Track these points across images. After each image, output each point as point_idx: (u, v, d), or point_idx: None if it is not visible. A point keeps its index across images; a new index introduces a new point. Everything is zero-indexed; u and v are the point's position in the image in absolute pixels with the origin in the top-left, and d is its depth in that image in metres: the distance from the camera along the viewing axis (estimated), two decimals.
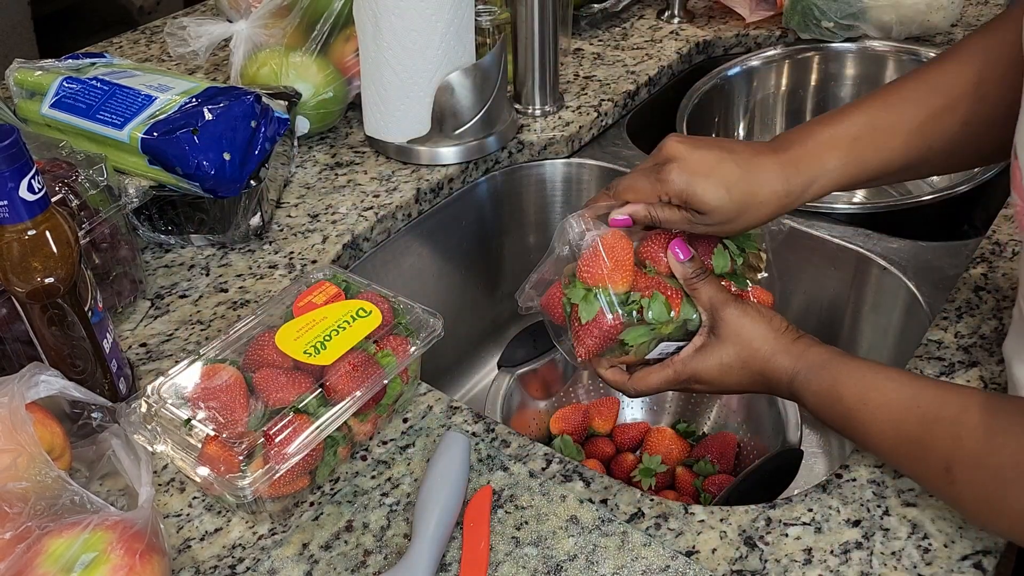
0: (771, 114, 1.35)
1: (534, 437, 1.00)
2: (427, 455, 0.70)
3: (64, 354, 0.68)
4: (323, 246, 0.93)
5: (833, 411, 0.64)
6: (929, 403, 0.59)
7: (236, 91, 0.92)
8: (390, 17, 0.96)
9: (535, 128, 1.11)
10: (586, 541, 0.63)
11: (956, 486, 0.57)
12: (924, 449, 0.59)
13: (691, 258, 0.70)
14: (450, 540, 0.64)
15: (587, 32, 1.35)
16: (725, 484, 0.91)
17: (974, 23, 1.35)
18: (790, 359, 0.66)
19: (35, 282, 0.64)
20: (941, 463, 0.57)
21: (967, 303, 0.82)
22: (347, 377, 0.65)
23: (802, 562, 0.61)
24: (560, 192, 1.14)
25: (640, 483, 0.94)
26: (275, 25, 1.06)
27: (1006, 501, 0.54)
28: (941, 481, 0.58)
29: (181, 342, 0.82)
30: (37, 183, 0.62)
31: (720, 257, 0.72)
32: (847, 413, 0.63)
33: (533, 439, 0.72)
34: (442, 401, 0.75)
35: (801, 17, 1.26)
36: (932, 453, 0.58)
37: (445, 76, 0.99)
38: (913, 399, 0.60)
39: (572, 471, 0.68)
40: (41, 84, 0.95)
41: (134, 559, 0.55)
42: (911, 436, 0.59)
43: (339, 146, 1.09)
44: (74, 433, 0.68)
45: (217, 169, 0.86)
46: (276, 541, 0.64)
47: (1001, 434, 0.55)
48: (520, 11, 1.06)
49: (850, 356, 0.66)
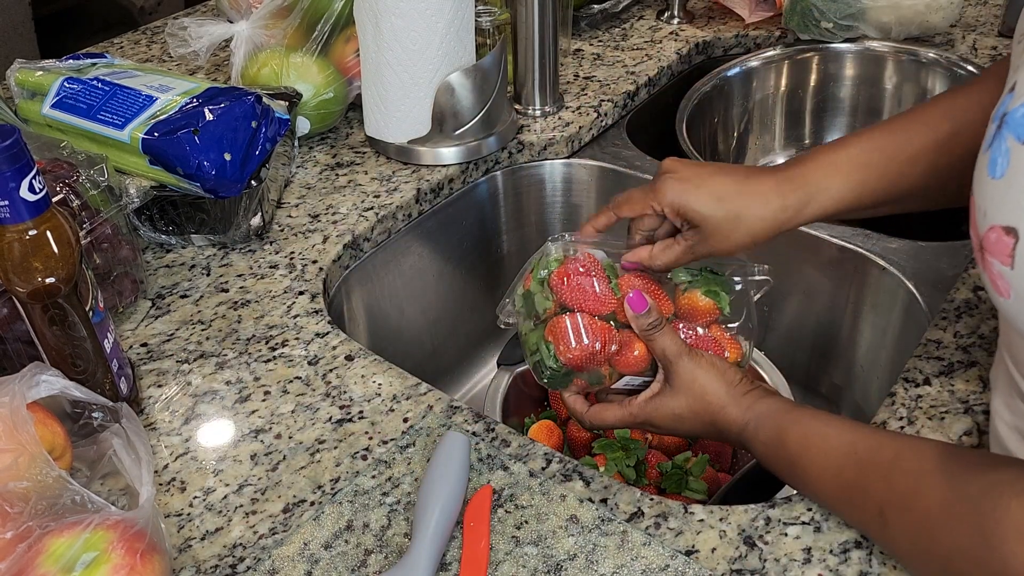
0: (770, 115, 1.35)
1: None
2: (427, 455, 0.70)
3: (65, 354, 0.68)
4: (323, 246, 0.93)
5: (779, 459, 0.65)
6: (865, 449, 0.60)
7: (237, 91, 0.92)
8: (390, 18, 0.96)
9: (535, 128, 1.11)
10: (586, 540, 0.63)
11: (889, 529, 0.58)
12: (861, 493, 0.60)
13: (647, 310, 0.70)
14: (450, 540, 0.64)
15: (587, 33, 1.35)
16: (722, 483, 0.91)
17: (973, 24, 1.35)
18: (739, 411, 0.68)
19: (36, 282, 0.64)
20: (875, 507, 0.58)
21: (966, 303, 0.82)
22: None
23: (801, 561, 0.61)
24: (560, 192, 1.14)
25: (602, 458, 0.93)
26: (276, 26, 1.06)
27: (934, 543, 0.54)
28: (876, 525, 0.59)
29: (182, 342, 0.82)
30: (38, 183, 0.62)
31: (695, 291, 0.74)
32: (791, 460, 0.64)
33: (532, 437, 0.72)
34: (442, 401, 0.75)
35: (800, 18, 1.27)
36: (868, 497, 0.59)
37: (445, 77, 0.99)
38: (851, 445, 0.61)
39: (572, 471, 0.69)
40: (42, 84, 0.95)
41: (135, 558, 0.55)
42: (849, 481, 0.61)
43: (340, 146, 1.10)
44: (75, 433, 0.68)
45: (218, 169, 0.87)
46: (276, 540, 0.64)
47: (929, 476, 0.56)
48: (520, 12, 1.06)
49: (797, 406, 0.67)
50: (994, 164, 0.51)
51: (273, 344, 0.81)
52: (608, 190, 1.12)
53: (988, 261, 0.52)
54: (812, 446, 0.63)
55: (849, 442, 0.61)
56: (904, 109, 1.28)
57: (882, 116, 1.31)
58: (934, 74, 1.26)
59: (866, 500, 0.59)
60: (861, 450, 0.61)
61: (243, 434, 0.73)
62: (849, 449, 0.61)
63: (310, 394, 0.76)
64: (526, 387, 1.01)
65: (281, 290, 0.88)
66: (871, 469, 0.59)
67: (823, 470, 0.62)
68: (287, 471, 0.70)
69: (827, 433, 0.63)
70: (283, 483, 0.69)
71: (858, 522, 0.62)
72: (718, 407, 0.68)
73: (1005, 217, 0.50)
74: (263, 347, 0.81)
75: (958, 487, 0.54)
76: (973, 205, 0.54)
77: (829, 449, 0.62)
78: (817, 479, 0.63)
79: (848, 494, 0.61)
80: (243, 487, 0.69)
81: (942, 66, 1.25)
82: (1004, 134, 0.51)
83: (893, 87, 1.30)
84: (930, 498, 0.55)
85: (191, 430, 0.74)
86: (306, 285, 0.88)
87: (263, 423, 0.74)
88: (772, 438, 0.65)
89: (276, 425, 0.74)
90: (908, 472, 0.57)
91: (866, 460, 0.60)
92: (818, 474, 0.63)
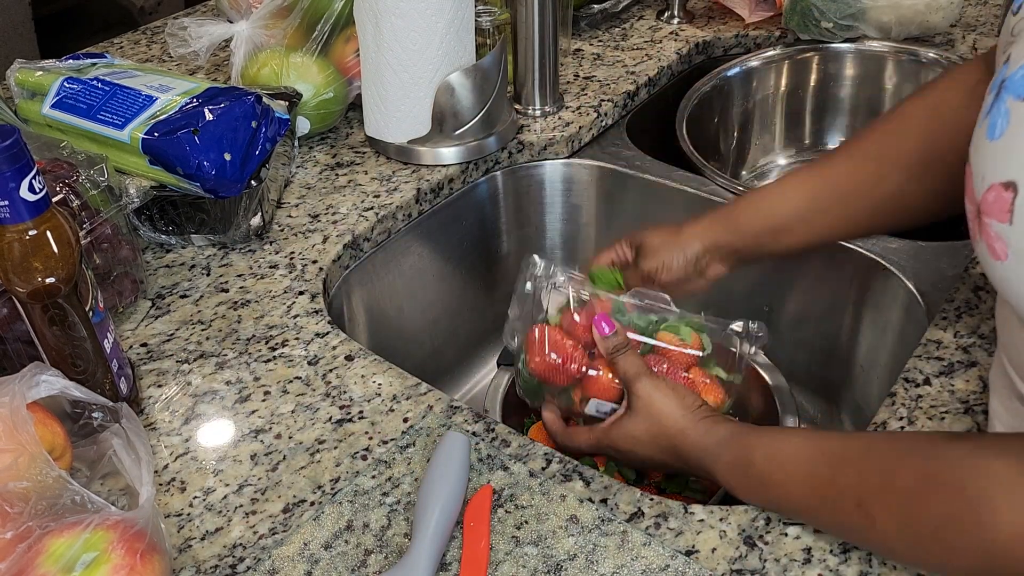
0: (770, 115, 1.35)
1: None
2: (427, 455, 0.70)
3: (65, 354, 0.68)
4: (323, 246, 0.93)
5: (747, 478, 0.64)
6: (835, 448, 0.60)
7: (237, 91, 0.92)
8: (390, 18, 0.96)
9: (535, 128, 1.11)
10: (586, 540, 0.63)
11: (871, 521, 0.56)
12: (836, 491, 0.58)
13: (614, 332, 0.74)
14: (450, 540, 0.64)
15: (587, 33, 1.35)
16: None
17: (973, 23, 1.35)
18: (698, 435, 0.68)
19: (36, 282, 0.64)
20: (853, 501, 0.57)
21: (966, 303, 0.82)
22: None
23: (801, 561, 0.61)
24: (560, 192, 1.14)
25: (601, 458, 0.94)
26: (276, 26, 1.06)
27: (919, 518, 0.53)
28: (858, 521, 0.57)
29: (182, 342, 0.82)
30: (38, 183, 0.62)
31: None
32: (760, 476, 0.63)
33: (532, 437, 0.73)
34: (442, 401, 0.75)
35: (800, 18, 1.27)
36: (844, 494, 0.58)
37: (445, 77, 0.99)
38: (818, 448, 0.61)
39: (572, 471, 0.69)
40: (42, 84, 0.95)
41: (135, 559, 0.55)
42: (823, 479, 0.59)
43: (339, 146, 1.10)
44: (75, 433, 0.68)
45: (218, 169, 0.87)
46: (276, 540, 0.64)
47: (904, 455, 0.55)
48: (520, 11, 1.06)
49: (756, 427, 0.67)
50: (993, 127, 0.52)
51: (273, 344, 0.81)
52: (608, 190, 1.12)
53: (985, 224, 0.51)
54: (780, 458, 0.62)
55: (816, 446, 0.61)
56: None
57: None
58: (934, 74, 1.26)
59: (842, 497, 0.58)
60: (829, 450, 0.60)
61: (243, 434, 0.73)
62: (816, 452, 0.60)
63: (310, 394, 0.76)
64: None
65: (281, 290, 0.88)
66: (843, 465, 0.58)
67: (793, 478, 0.61)
68: (287, 471, 0.70)
69: (794, 442, 0.63)
70: (283, 483, 0.69)
71: (840, 525, 0.60)
72: (676, 431, 0.68)
73: (1004, 174, 0.50)
74: (263, 347, 0.81)
75: (936, 457, 0.53)
76: (970, 174, 0.54)
77: (798, 457, 0.61)
78: (789, 489, 0.61)
79: (823, 494, 0.59)
80: (243, 487, 0.69)
81: (942, 66, 1.25)
82: (1003, 97, 0.52)
83: (893, 87, 1.30)
84: (907, 475, 0.54)
85: (191, 430, 0.74)
86: (306, 285, 0.88)
87: (263, 423, 0.74)
88: (737, 458, 0.64)
89: (276, 425, 0.74)
90: (881, 457, 0.56)
91: (837, 457, 0.59)
92: (789, 484, 0.61)
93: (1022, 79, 0.50)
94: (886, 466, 0.56)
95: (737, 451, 0.65)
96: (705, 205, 1.04)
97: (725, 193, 1.04)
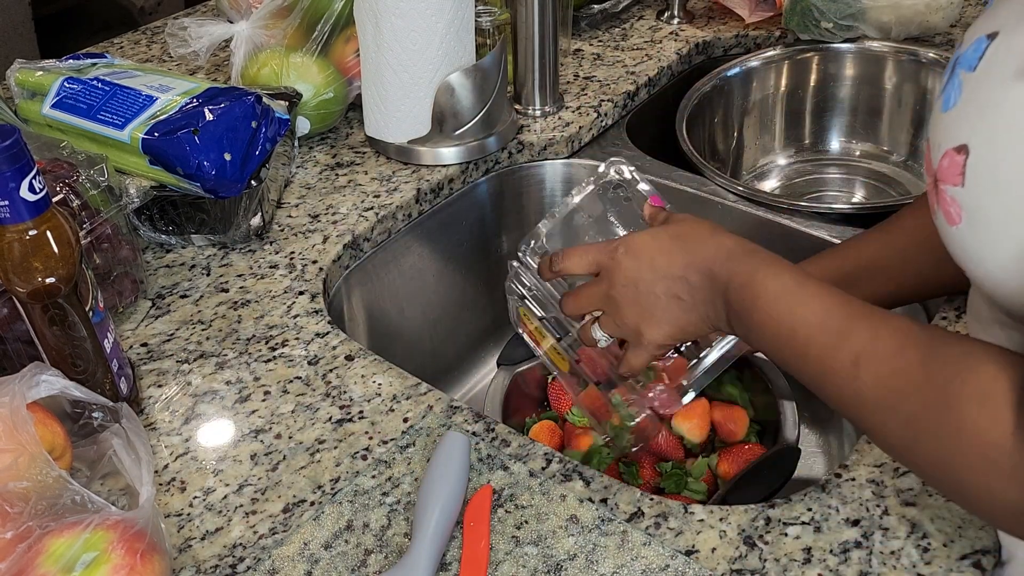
0: (770, 115, 1.35)
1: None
2: (427, 455, 0.70)
3: (65, 354, 0.68)
4: (323, 246, 0.93)
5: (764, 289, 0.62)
6: (855, 304, 0.58)
7: (237, 92, 0.92)
8: (390, 18, 0.96)
9: (535, 128, 1.11)
10: (586, 540, 0.63)
11: (857, 382, 0.55)
12: (841, 338, 0.57)
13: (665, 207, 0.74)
14: (450, 540, 0.64)
15: (587, 33, 1.35)
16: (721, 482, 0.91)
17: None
18: (732, 238, 0.65)
19: (36, 282, 0.64)
20: (851, 355, 0.56)
21: (966, 303, 0.82)
22: None
23: (801, 561, 0.61)
24: (560, 192, 1.14)
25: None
26: (276, 26, 1.06)
27: (902, 401, 0.53)
28: (845, 374, 0.56)
29: (182, 342, 0.82)
30: (38, 183, 0.62)
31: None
32: (779, 291, 0.61)
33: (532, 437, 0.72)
34: (442, 401, 0.75)
35: (800, 18, 1.27)
36: (847, 343, 0.56)
37: (445, 77, 0.99)
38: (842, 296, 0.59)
39: (572, 471, 0.69)
40: (42, 84, 0.95)
41: (135, 558, 0.55)
42: (833, 327, 0.58)
43: (339, 146, 1.10)
44: (75, 433, 0.68)
45: (218, 169, 0.87)
46: (276, 540, 0.64)
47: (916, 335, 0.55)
48: (520, 12, 1.06)
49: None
50: (947, 100, 0.53)
51: (273, 344, 0.81)
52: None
53: (941, 191, 0.52)
54: (809, 284, 0.60)
55: (840, 294, 0.59)
56: (904, 109, 1.29)
57: (882, 116, 1.31)
58: (934, 74, 1.26)
59: (844, 345, 0.56)
60: (851, 301, 0.59)
61: (243, 434, 0.73)
62: (841, 298, 0.59)
63: (310, 394, 0.76)
64: (526, 387, 1.01)
65: (281, 290, 0.88)
66: (861, 319, 0.57)
67: (810, 306, 0.59)
68: (287, 471, 0.70)
69: (821, 283, 0.61)
70: (283, 483, 0.69)
71: (823, 371, 0.58)
72: (707, 228, 0.67)
73: (956, 139, 0.51)
74: (263, 347, 0.81)
75: (938, 347, 0.53)
76: (928, 150, 0.55)
77: (821, 292, 0.60)
78: (800, 312, 0.59)
79: (827, 339, 0.57)
80: (243, 487, 0.69)
81: (942, 66, 1.25)
82: (956, 71, 0.53)
83: (893, 87, 1.30)
84: (911, 357, 0.54)
85: (191, 430, 0.74)
86: (306, 285, 0.88)
87: (263, 423, 0.74)
88: (769, 263, 0.62)
89: (276, 425, 0.74)
90: (897, 329, 0.55)
91: (858, 311, 0.58)
92: (803, 308, 0.59)
93: (971, 52, 0.52)
94: (898, 340, 0.55)
95: (770, 261, 0.62)
96: (705, 205, 1.04)
97: (725, 193, 1.04)
